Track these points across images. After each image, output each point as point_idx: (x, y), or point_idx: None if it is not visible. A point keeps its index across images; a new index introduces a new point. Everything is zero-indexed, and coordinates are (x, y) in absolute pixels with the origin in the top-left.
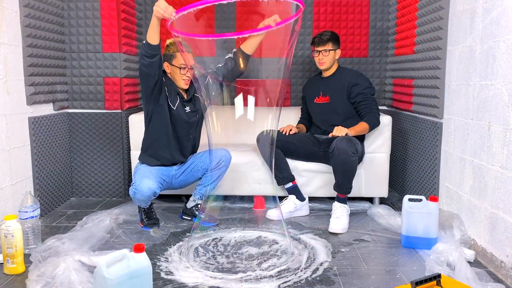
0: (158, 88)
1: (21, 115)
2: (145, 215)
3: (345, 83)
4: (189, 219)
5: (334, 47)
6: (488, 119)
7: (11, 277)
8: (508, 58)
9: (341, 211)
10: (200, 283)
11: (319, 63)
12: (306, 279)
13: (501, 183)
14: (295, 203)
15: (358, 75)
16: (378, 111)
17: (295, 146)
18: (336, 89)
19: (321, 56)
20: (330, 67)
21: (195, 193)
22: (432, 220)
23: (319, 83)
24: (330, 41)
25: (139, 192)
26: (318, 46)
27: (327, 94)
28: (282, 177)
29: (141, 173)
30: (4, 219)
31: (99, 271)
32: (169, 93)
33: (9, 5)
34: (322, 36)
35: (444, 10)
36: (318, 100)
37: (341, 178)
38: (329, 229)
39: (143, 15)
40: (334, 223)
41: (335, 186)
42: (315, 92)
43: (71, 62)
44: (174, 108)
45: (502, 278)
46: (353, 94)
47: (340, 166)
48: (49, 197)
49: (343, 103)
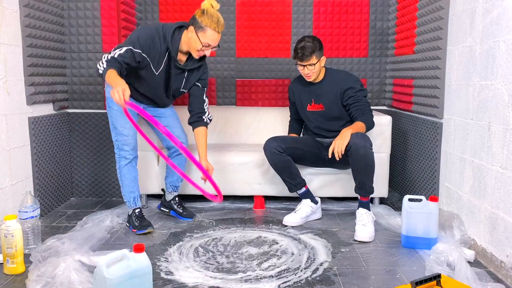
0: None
1: (21, 115)
2: (137, 219)
3: (337, 88)
4: (167, 212)
5: (319, 57)
6: (488, 119)
7: (11, 277)
8: (508, 58)
9: (367, 218)
10: (200, 283)
11: (306, 76)
12: (306, 279)
13: (501, 183)
14: (311, 206)
15: (348, 78)
16: (371, 113)
17: (303, 151)
18: (329, 96)
19: (306, 71)
20: (317, 76)
21: (167, 187)
22: (432, 220)
23: (309, 89)
24: (314, 53)
25: (122, 153)
26: (302, 61)
27: (320, 102)
28: (295, 184)
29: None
30: (4, 219)
31: (99, 271)
32: (152, 60)
33: (9, 5)
34: (304, 51)
35: (444, 10)
36: (311, 108)
37: (362, 177)
38: (356, 237)
39: (143, 15)
40: (361, 231)
41: (357, 188)
42: (305, 99)
43: (71, 62)
44: (156, 74)
45: (502, 278)
46: (345, 98)
47: (361, 162)
48: (49, 197)
49: (338, 109)
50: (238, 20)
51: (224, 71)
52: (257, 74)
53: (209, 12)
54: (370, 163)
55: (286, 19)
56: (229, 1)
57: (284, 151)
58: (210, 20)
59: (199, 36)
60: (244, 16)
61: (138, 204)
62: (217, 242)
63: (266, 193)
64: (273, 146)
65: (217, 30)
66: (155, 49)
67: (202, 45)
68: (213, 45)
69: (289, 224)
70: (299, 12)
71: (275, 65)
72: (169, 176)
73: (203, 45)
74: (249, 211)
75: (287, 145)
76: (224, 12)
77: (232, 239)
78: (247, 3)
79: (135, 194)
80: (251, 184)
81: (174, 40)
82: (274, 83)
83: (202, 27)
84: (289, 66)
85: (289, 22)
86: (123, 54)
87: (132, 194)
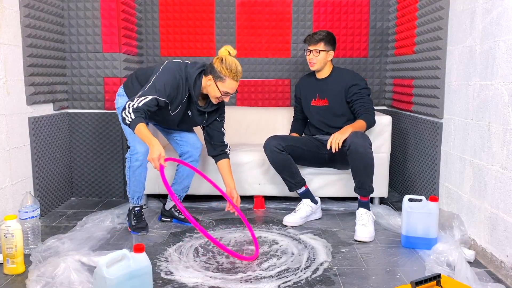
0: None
1: (21, 115)
2: (134, 218)
3: (342, 84)
4: (168, 220)
5: (326, 48)
6: (488, 119)
7: (11, 277)
8: (508, 58)
9: (367, 218)
10: (200, 283)
11: (310, 63)
12: (306, 279)
13: (501, 183)
14: (311, 206)
15: (355, 76)
16: (373, 111)
17: (303, 150)
18: (334, 92)
19: (311, 56)
20: (321, 68)
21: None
22: (432, 220)
23: (314, 85)
24: (322, 41)
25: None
26: (309, 45)
27: (325, 97)
28: (295, 183)
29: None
30: (4, 219)
31: (99, 271)
32: (172, 103)
33: (9, 5)
34: (315, 35)
35: (444, 10)
36: (315, 103)
37: (361, 176)
38: (356, 237)
39: (143, 15)
40: (361, 230)
41: (356, 188)
42: (310, 94)
43: (71, 62)
44: (172, 114)
45: (502, 278)
46: (350, 94)
47: (359, 161)
48: (49, 197)
49: (342, 105)
50: (238, 20)
51: None
52: (257, 74)
53: (227, 62)
54: (370, 162)
55: (286, 19)
56: (229, 1)
57: (284, 149)
58: (229, 71)
59: (218, 85)
60: (244, 16)
61: (140, 202)
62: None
63: (266, 193)
64: (273, 145)
65: (235, 79)
66: (178, 95)
67: (221, 94)
68: (231, 93)
69: (289, 224)
70: (299, 12)
71: (275, 65)
72: (176, 184)
73: (222, 94)
74: (249, 211)
75: (287, 143)
76: (224, 12)
77: (232, 239)
78: (247, 3)
79: (140, 194)
80: (251, 184)
81: (196, 86)
82: (274, 83)
83: (221, 77)
84: (289, 66)
85: (289, 22)
86: (148, 104)
87: (137, 194)
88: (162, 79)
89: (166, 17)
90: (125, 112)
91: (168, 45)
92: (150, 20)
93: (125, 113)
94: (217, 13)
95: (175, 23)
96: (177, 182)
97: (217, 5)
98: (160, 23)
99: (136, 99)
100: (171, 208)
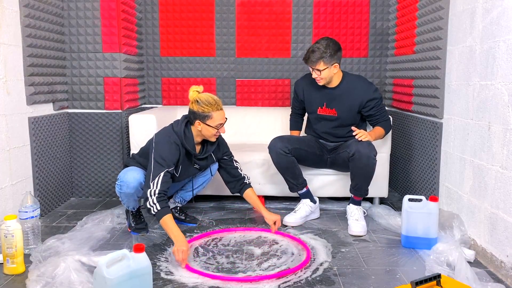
0: None
1: (21, 115)
2: (133, 219)
3: (356, 98)
4: None
5: (328, 65)
6: (488, 119)
7: (11, 277)
8: (508, 58)
9: (359, 213)
10: (200, 283)
11: (316, 80)
12: (306, 279)
13: (501, 183)
14: (311, 206)
15: (368, 88)
16: (388, 116)
17: (307, 152)
18: (344, 104)
19: (314, 75)
20: (329, 81)
21: (177, 196)
22: (432, 220)
23: (321, 91)
24: (321, 59)
25: (124, 185)
26: (309, 65)
27: (333, 107)
28: (298, 184)
29: (126, 169)
30: (4, 219)
31: (99, 271)
32: (176, 165)
33: (9, 5)
34: (312, 55)
35: (444, 10)
36: (322, 111)
37: (360, 182)
38: (351, 232)
39: (143, 15)
40: (355, 225)
41: (352, 188)
42: (316, 101)
43: (71, 62)
44: (177, 175)
45: (502, 278)
46: (367, 109)
47: (361, 170)
48: (49, 197)
49: (352, 117)
50: (238, 20)
51: (224, 71)
52: (257, 74)
53: (202, 99)
54: (371, 171)
55: (286, 19)
56: (229, 1)
57: (290, 152)
58: (209, 105)
59: (208, 124)
60: (244, 16)
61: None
62: (217, 242)
63: (266, 193)
64: (279, 147)
65: (219, 108)
66: (178, 158)
67: (216, 129)
68: (224, 122)
69: (289, 224)
70: (299, 12)
71: (275, 65)
72: (184, 190)
73: (216, 128)
74: (249, 211)
75: (293, 146)
76: (224, 12)
77: (232, 239)
78: (247, 3)
79: (134, 204)
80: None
81: (188, 140)
82: (274, 83)
83: (206, 115)
84: (289, 66)
85: (289, 22)
86: (164, 180)
87: (131, 204)
88: (161, 152)
89: (166, 17)
90: (149, 203)
91: (168, 45)
92: (150, 20)
93: (150, 204)
94: (217, 13)
95: (175, 23)
96: (185, 188)
97: (217, 5)
98: (160, 23)
99: (151, 185)
100: (172, 208)
